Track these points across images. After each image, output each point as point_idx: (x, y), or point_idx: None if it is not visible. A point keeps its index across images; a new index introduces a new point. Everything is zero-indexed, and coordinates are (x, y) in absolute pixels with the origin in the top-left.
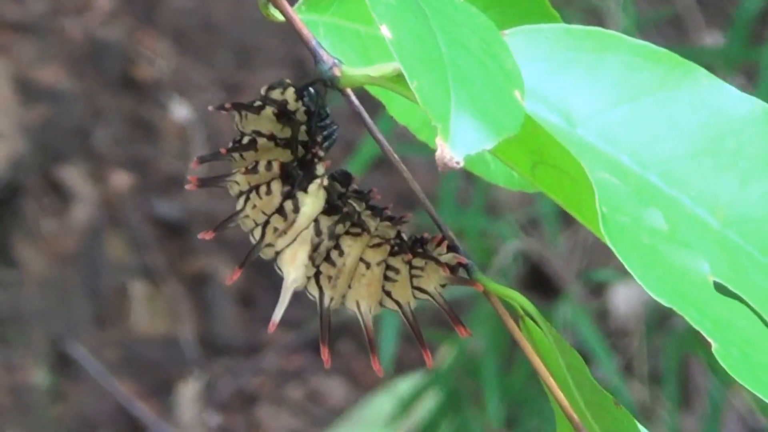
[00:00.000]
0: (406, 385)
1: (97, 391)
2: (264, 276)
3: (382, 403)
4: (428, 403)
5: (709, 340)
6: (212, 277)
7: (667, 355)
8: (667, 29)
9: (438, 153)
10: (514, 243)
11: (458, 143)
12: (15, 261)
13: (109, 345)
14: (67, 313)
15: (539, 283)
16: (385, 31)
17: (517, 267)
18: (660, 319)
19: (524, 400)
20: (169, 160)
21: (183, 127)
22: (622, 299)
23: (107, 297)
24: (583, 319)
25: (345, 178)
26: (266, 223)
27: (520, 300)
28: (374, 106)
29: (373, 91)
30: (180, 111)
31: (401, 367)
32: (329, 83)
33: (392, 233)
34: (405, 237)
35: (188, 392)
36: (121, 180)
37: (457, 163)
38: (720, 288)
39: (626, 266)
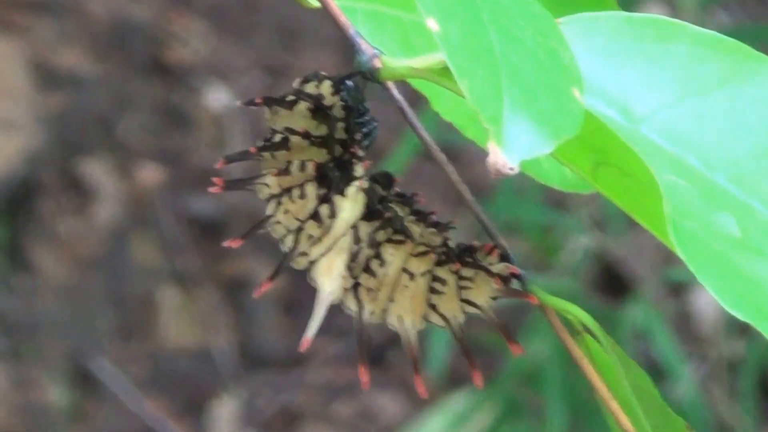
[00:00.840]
0: (462, 398)
1: (121, 410)
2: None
3: (438, 420)
4: (487, 417)
5: None
6: (251, 281)
7: (747, 366)
8: (753, 5)
9: (490, 158)
10: (581, 239)
11: (513, 148)
12: (30, 266)
13: (135, 359)
14: (88, 323)
15: (612, 283)
16: (432, 24)
17: (586, 266)
18: (745, 324)
19: (589, 412)
20: (203, 152)
21: (219, 115)
22: (704, 301)
23: (133, 305)
24: (656, 324)
25: (386, 180)
26: (299, 229)
27: (578, 313)
28: (416, 99)
29: (416, 84)
30: (216, 97)
31: (460, 376)
32: (369, 76)
33: (438, 241)
34: (452, 245)
35: (224, 411)
36: (149, 175)
37: (511, 169)
38: None
39: (697, 276)
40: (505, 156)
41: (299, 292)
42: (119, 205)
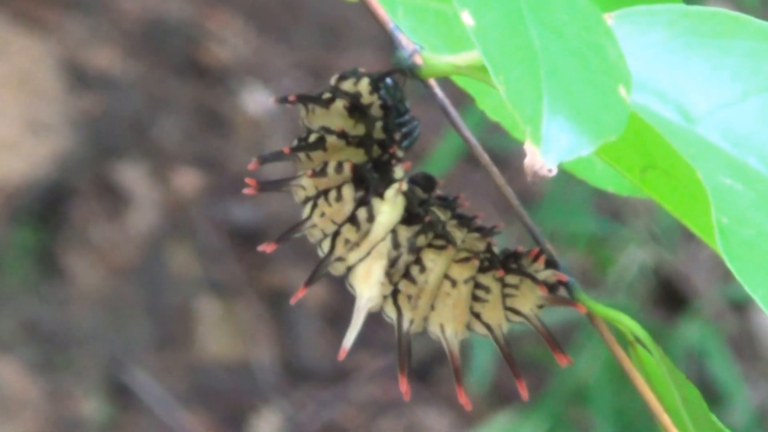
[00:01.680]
0: (510, 415)
1: (158, 424)
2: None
3: None
4: None
5: None
6: (293, 292)
7: None
8: None
9: (527, 160)
10: (636, 252)
11: (551, 148)
12: (63, 274)
13: (172, 371)
14: (124, 334)
15: (668, 299)
16: (466, 18)
17: (640, 280)
18: None
19: (640, 428)
20: (242, 156)
21: (259, 117)
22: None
23: (171, 316)
24: (713, 342)
25: (428, 183)
26: (336, 233)
27: (628, 324)
28: (460, 97)
29: (459, 81)
30: (256, 99)
31: (507, 392)
32: (409, 73)
33: (482, 246)
34: (496, 251)
35: (265, 426)
36: (187, 180)
37: (549, 171)
38: None
39: (746, 288)
40: (543, 157)
41: (343, 303)
42: (155, 211)
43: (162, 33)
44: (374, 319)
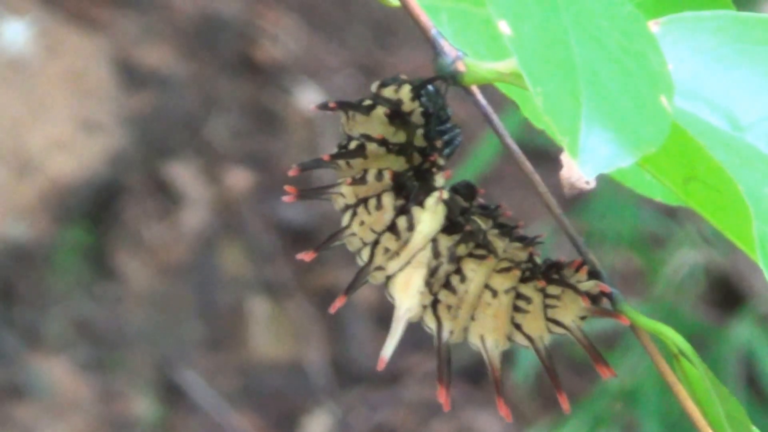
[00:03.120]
0: (561, 417)
1: (210, 424)
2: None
3: None
4: None
5: None
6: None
7: None
8: None
9: (564, 171)
10: (689, 252)
11: (589, 160)
12: (115, 273)
13: (224, 371)
14: (175, 334)
15: (723, 299)
16: (504, 27)
17: (693, 279)
18: None
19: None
20: (295, 154)
21: (311, 116)
22: None
23: (222, 316)
24: (763, 342)
25: (468, 191)
26: (376, 242)
27: (672, 336)
28: (499, 102)
29: (503, 88)
30: (308, 97)
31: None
32: (451, 80)
33: (523, 256)
34: (538, 261)
35: (317, 427)
36: (239, 179)
37: (587, 183)
38: None
39: None
40: (580, 169)
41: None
42: (207, 210)
43: (214, 31)
44: (408, 323)
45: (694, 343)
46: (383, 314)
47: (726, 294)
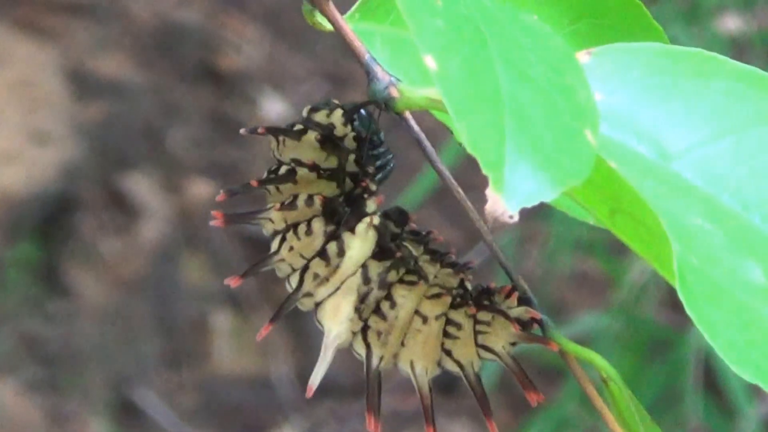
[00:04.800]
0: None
1: None
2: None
3: None
4: None
5: None
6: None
7: None
8: None
9: (488, 206)
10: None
11: (513, 195)
12: (69, 289)
13: (185, 389)
14: (132, 351)
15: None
16: (429, 62)
17: (657, 286)
18: None
19: None
20: (258, 165)
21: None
22: None
23: (183, 330)
24: None
25: (400, 217)
26: (305, 268)
27: (600, 363)
28: (441, 130)
29: (438, 114)
30: (272, 107)
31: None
32: (384, 105)
33: (454, 282)
34: (469, 287)
35: None
36: (200, 190)
37: (511, 217)
38: None
39: (704, 334)
40: (505, 203)
41: None
42: (166, 222)
43: (174, 39)
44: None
45: (656, 348)
46: None
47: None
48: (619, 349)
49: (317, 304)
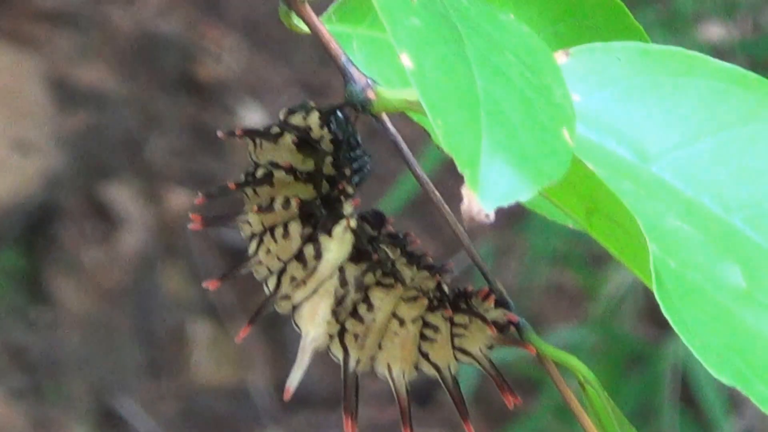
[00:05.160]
0: None
1: None
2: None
3: None
4: None
5: None
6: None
7: None
8: None
9: (464, 205)
10: (628, 271)
11: (489, 194)
12: (51, 298)
13: (164, 398)
14: (113, 359)
15: (664, 317)
16: (405, 60)
17: (634, 298)
18: None
19: None
20: (237, 175)
21: None
22: None
23: (162, 340)
24: (697, 361)
25: (377, 220)
26: (282, 270)
27: (578, 366)
28: (418, 139)
29: (415, 116)
30: (251, 117)
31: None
32: (360, 107)
33: (431, 285)
34: (446, 290)
35: None
36: (179, 200)
37: (487, 216)
38: None
39: (681, 336)
40: (480, 202)
41: None
42: (147, 232)
43: (154, 49)
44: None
45: (633, 360)
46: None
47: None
48: (595, 361)
49: (295, 307)
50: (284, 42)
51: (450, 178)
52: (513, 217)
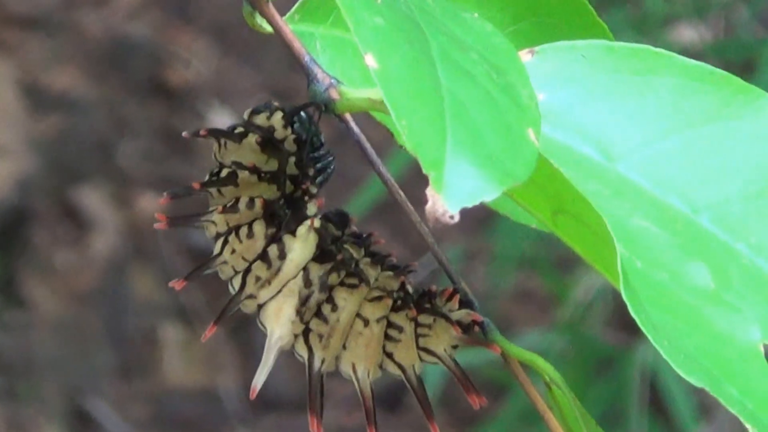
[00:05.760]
0: None
1: None
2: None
3: None
4: None
5: (747, 426)
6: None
7: None
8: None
9: (429, 206)
10: (597, 276)
11: (453, 194)
12: (24, 301)
13: (136, 399)
14: (85, 361)
15: (632, 322)
16: (370, 60)
17: (603, 303)
18: None
19: None
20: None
21: None
22: None
23: (134, 342)
24: (665, 362)
25: (341, 220)
26: (247, 270)
27: (544, 366)
28: (384, 145)
29: (378, 116)
30: (220, 121)
31: (479, 413)
32: (324, 107)
33: (395, 285)
34: (410, 289)
35: None
36: (149, 203)
37: (451, 217)
38: None
39: (648, 336)
40: (445, 203)
41: None
42: (117, 235)
43: (125, 54)
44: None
45: (602, 365)
46: None
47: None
48: (564, 367)
49: (259, 306)
50: (253, 47)
51: (416, 183)
52: (480, 221)
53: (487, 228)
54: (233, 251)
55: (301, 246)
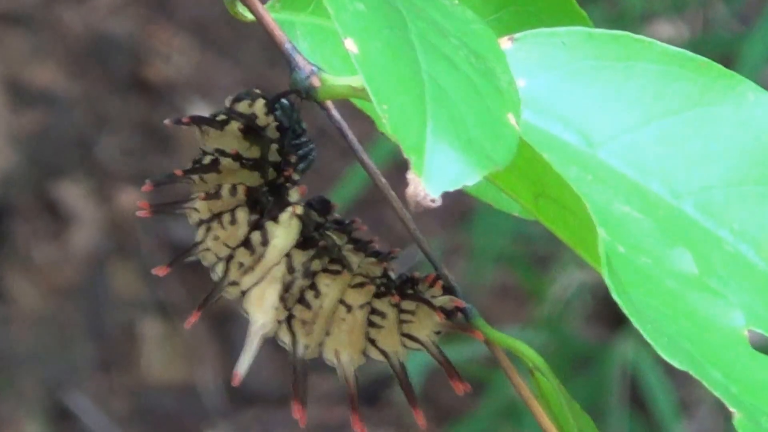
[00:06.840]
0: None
1: None
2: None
3: None
4: None
5: (731, 409)
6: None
7: None
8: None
9: (410, 189)
10: (576, 272)
11: (434, 178)
12: (3, 295)
13: (115, 394)
14: (65, 356)
15: (612, 318)
16: (350, 45)
17: (582, 300)
18: None
19: None
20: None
21: None
22: None
23: (113, 337)
24: (647, 361)
25: (323, 206)
26: (230, 257)
27: (528, 352)
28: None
29: (360, 104)
30: None
31: (458, 409)
32: (305, 94)
33: (378, 271)
34: (393, 276)
35: None
36: (129, 199)
37: (433, 201)
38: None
39: (632, 320)
40: (426, 187)
41: None
42: (97, 230)
43: (105, 50)
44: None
45: (581, 362)
46: None
47: (612, 313)
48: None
49: (243, 293)
50: (234, 43)
51: (396, 179)
52: (459, 217)
53: (465, 224)
54: (216, 238)
55: (283, 232)
